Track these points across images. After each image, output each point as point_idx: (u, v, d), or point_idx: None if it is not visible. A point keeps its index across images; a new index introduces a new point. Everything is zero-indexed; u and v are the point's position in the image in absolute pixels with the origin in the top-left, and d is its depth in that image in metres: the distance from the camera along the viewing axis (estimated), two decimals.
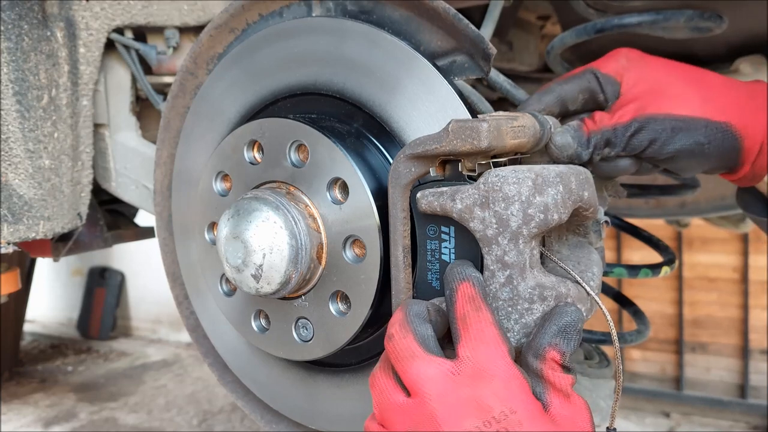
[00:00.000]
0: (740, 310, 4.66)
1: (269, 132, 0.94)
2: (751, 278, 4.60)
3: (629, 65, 0.96)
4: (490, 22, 1.13)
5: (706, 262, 4.75)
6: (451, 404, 0.66)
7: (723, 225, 2.55)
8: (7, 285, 1.69)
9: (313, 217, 0.90)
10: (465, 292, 0.72)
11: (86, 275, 7.14)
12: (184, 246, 1.16)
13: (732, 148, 0.90)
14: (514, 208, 0.71)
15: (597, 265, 0.85)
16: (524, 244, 0.72)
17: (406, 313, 0.72)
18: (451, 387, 0.67)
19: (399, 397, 0.70)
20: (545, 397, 0.68)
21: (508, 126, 0.77)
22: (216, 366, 1.22)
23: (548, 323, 0.70)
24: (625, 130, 0.91)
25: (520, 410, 0.65)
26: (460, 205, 0.74)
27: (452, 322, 0.72)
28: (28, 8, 1.26)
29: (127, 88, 1.48)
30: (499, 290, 0.73)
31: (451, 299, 0.73)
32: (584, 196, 0.78)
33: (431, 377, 0.67)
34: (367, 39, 0.91)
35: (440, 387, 0.67)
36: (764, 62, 1.51)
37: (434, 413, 0.66)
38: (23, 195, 1.28)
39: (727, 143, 0.90)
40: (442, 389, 0.67)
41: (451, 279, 0.74)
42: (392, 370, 0.72)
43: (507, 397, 0.66)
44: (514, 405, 0.65)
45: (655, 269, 1.20)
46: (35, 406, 5.11)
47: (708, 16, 1.16)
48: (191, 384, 5.48)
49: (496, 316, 0.71)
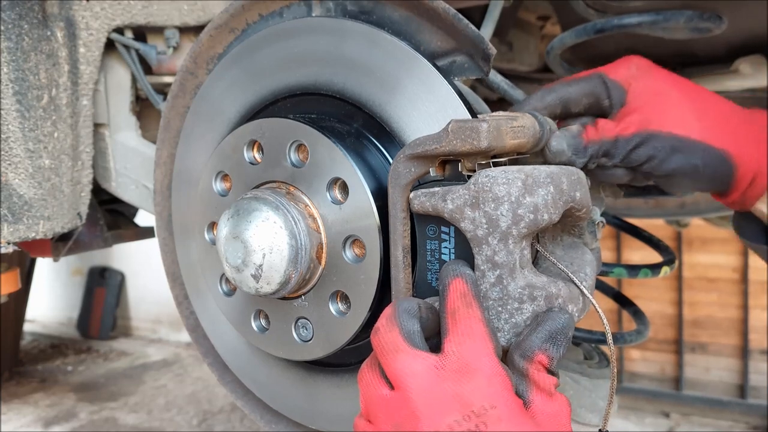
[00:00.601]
0: (740, 310, 4.66)
1: (269, 132, 0.94)
2: (750, 278, 4.60)
3: (638, 74, 0.97)
4: (490, 22, 1.13)
5: (705, 262, 4.74)
6: (433, 398, 0.66)
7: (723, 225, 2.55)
8: (7, 285, 1.69)
9: (313, 217, 0.90)
10: (457, 287, 0.72)
11: (86, 275, 7.14)
12: (184, 246, 1.16)
13: (725, 174, 0.92)
14: (503, 208, 0.71)
15: (590, 265, 0.85)
16: (514, 245, 0.72)
17: (395, 309, 0.73)
18: (434, 381, 0.67)
19: (383, 391, 0.70)
20: (528, 395, 0.69)
21: (507, 126, 0.77)
22: (216, 366, 1.22)
23: (540, 327, 0.71)
24: (626, 143, 0.91)
25: (501, 406, 0.66)
26: (451, 205, 0.74)
27: (442, 317, 0.73)
28: (29, 8, 1.26)
29: (127, 87, 1.48)
30: (489, 290, 0.73)
31: (443, 294, 0.74)
32: (576, 197, 0.78)
33: (414, 371, 0.68)
34: (367, 39, 0.91)
35: (423, 381, 0.67)
36: (764, 62, 1.51)
37: (415, 407, 0.66)
38: (23, 195, 1.28)
39: (721, 169, 0.91)
40: (424, 383, 0.67)
41: (445, 275, 0.75)
42: (378, 365, 0.72)
43: (489, 393, 0.66)
44: (495, 401, 0.66)
45: (655, 269, 1.20)
46: (35, 406, 5.11)
47: (708, 17, 1.16)
48: (191, 384, 5.48)
49: (485, 314, 0.71)
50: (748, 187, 0.93)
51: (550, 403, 0.69)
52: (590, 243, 0.90)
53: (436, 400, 0.66)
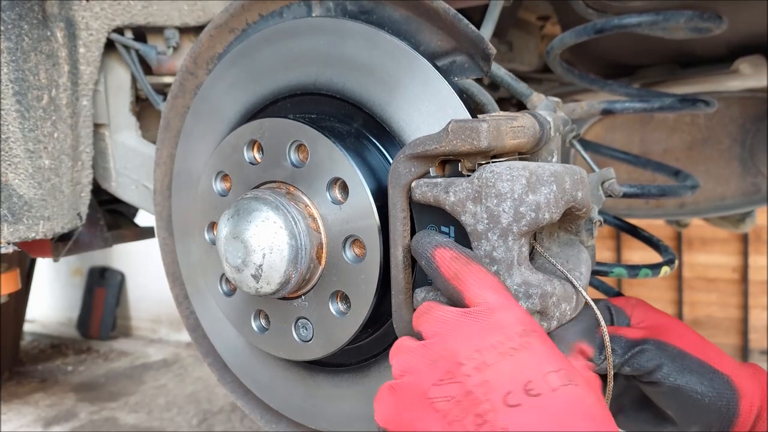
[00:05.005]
0: (740, 310, 4.66)
1: (269, 132, 0.94)
2: (751, 278, 4.61)
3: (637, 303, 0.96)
4: (490, 22, 1.13)
5: (705, 262, 4.75)
6: (468, 332, 0.66)
7: (723, 225, 2.56)
8: (7, 285, 1.69)
9: (313, 217, 0.90)
10: (444, 255, 0.72)
11: (86, 275, 7.14)
12: (184, 246, 1.16)
13: (730, 402, 0.86)
14: (506, 205, 0.71)
15: (585, 264, 0.85)
16: (513, 241, 0.72)
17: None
18: (466, 321, 0.67)
19: (415, 343, 0.70)
20: None
21: (507, 126, 0.77)
22: (216, 366, 1.22)
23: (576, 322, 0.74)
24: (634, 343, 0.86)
25: (539, 331, 0.66)
26: (453, 198, 0.74)
27: (446, 286, 0.72)
28: (28, 8, 1.26)
29: (127, 88, 1.48)
30: None
31: (431, 266, 0.73)
32: (578, 197, 0.78)
33: (445, 319, 0.68)
34: (367, 39, 0.91)
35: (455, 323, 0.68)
36: (764, 62, 1.51)
37: (453, 342, 0.66)
38: (23, 195, 1.28)
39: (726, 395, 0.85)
40: (457, 323, 0.68)
41: (423, 251, 0.74)
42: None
43: (526, 321, 0.66)
44: (533, 327, 0.65)
45: (655, 269, 1.20)
46: (35, 406, 5.11)
47: (708, 17, 1.17)
48: (191, 384, 5.48)
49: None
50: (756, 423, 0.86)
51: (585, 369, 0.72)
52: (586, 241, 0.90)
53: (474, 331, 0.66)
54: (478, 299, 0.68)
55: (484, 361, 0.62)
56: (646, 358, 0.85)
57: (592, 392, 0.63)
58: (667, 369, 0.85)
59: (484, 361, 0.62)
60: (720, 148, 2.12)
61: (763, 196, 2.11)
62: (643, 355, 0.85)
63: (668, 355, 0.85)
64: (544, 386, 0.60)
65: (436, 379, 0.64)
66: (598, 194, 1.03)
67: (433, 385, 0.64)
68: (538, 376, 0.61)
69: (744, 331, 4.60)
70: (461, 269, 0.70)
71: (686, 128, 2.17)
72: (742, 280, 4.59)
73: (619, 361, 0.86)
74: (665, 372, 0.85)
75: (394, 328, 0.83)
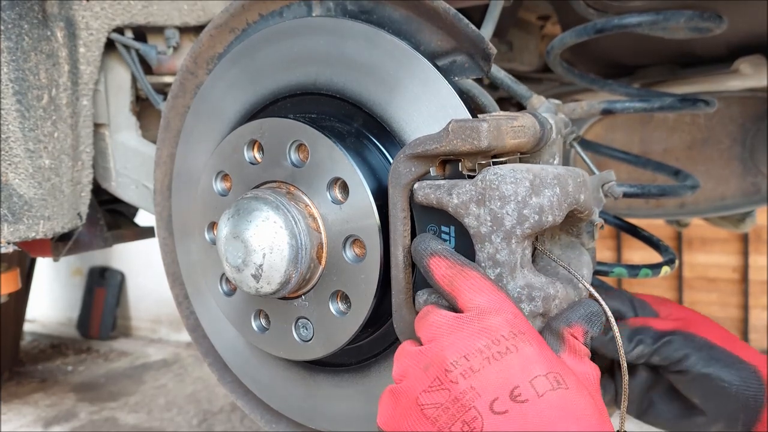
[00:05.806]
0: (740, 310, 4.67)
1: (269, 132, 0.94)
2: (751, 278, 4.61)
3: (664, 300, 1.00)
4: (490, 22, 1.13)
5: (705, 262, 4.75)
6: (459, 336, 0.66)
7: (723, 225, 2.55)
8: (7, 285, 1.69)
9: (313, 217, 0.90)
10: (439, 264, 0.73)
11: (86, 275, 7.14)
12: (184, 246, 1.16)
13: (757, 393, 0.88)
14: (509, 207, 0.71)
15: (587, 267, 0.85)
16: (516, 244, 0.72)
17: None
18: (457, 325, 0.68)
19: (414, 347, 0.71)
20: (559, 354, 0.70)
21: (508, 126, 0.77)
22: (216, 366, 1.22)
23: (577, 306, 0.73)
24: (663, 334, 0.90)
25: (528, 333, 0.66)
26: (457, 200, 0.74)
27: (443, 293, 0.73)
28: (29, 8, 1.26)
29: (127, 88, 1.48)
30: None
31: (428, 274, 0.74)
32: (580, 200, 0.78)
33: (439, 323, 0.69)
34: (367, 39, 0.91)
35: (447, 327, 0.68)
36: (764, 62, 1.51)
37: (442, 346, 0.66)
38: (23, 195, 1.28)
39: (753, 385, 0.88)
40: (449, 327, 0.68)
41: (419, 258, 0.75)
42: None
43: (515, 323, 0.66)
44: (522, 329, 0.66)
45: (655, 269, 1.20)
46: (35, 406, 5.11)
47: (708, 17, 1.17)
48: (191, 384, 5.48)
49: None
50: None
51: (581, 363, 0.70)
52: (587, 243, 0.90)
53: (462, 336, 0.66)
54: (470, 304, 0.69)
55: (470, 367, 0.63)
56: (674, 348, 0.89)
57: (584, 392, 0.63)
58: (694, 358, 0.88)
59: (470, 367, 0.63)
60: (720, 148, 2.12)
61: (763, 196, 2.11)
62: (672, 345, 0.89)
63: (696, 346, 0.89)
64: (530, 392, 0.60)
65: (426, 385, 0.65)
66: (598, 196, 1.03)
67: (423, 392, 0.65)
68: (524, 382, 0.61)
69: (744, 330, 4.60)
70: (455, 276, 0.71)
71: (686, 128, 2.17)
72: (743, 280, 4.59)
73: (648, 350, 0.90)
74: (693, 361, 0.88)
75: (394, 328, 0.83)
